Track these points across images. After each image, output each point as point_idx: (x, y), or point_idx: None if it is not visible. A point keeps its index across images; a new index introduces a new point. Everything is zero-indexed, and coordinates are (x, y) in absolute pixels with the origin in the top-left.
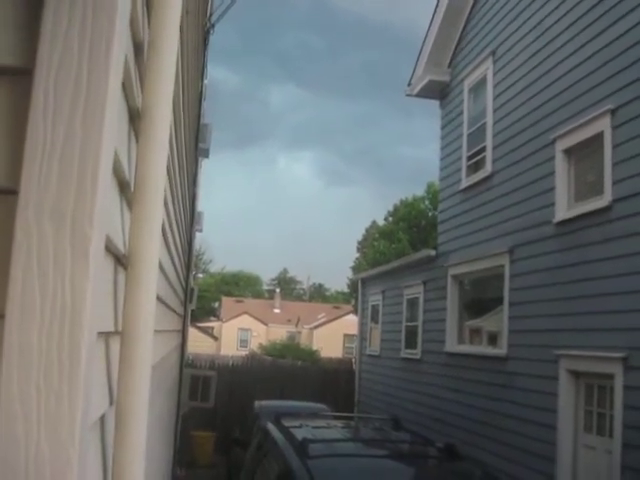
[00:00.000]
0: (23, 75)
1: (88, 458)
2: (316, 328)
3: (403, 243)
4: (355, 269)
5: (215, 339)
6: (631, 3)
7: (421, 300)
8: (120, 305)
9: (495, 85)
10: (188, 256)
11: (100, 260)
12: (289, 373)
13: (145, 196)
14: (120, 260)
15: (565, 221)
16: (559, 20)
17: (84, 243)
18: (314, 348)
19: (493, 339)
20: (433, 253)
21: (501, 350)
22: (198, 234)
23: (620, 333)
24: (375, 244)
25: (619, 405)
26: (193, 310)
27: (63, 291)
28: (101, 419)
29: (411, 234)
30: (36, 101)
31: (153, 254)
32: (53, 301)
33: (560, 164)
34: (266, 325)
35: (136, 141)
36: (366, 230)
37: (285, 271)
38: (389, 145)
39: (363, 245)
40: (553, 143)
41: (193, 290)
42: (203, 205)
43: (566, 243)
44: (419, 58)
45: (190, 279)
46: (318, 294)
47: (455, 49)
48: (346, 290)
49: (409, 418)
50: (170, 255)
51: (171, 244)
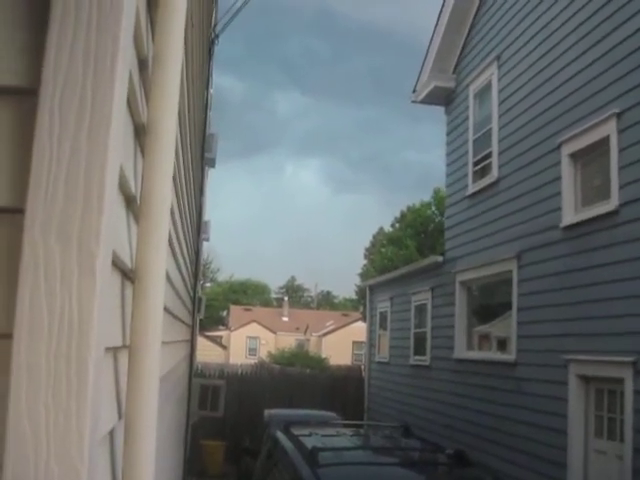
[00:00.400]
0: (28, 95)
1: (97, 473)
2: (325, 336)
3: (410, 249)
4: (362, 276)
5: (224, 348)
6: (636, 6)
7: (429, 306)
8: (128, 319)
9: (500, 90)
10: (195, 265)
11: (107, 276)
12: (298, 381)
13: (151, 210)
14: (127, 274)
15: (572, 226)
16: (564, 24)
17: (91, 261)
18: (323, 356)
19: (502, 345)
20: (440, 259)
21: (510, 356)
22: (205, 243)
23: (630, 337)
24: (382, 250)
25: (629, 409)
26: (201, 319)
27: (70, 309)
28: (110, 433)
29: (418, 240)
30: (41, 120)
31: (160, 267)
32: (60, 319)
33: (566, 169)
34: (274, 333)
35: (142, 156)
36: (373, 237)
37: (293, 279)
38: (395, 151)
39: (370, 252)
40: (559, 148)
41: (201, 299)
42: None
43: (573, 247)
44: (424, 64)
45: (198, 288)
46: (326, 301)
47: (460, 55)
48: (354, 297)
49: (419, 425)
50: (177, 265)
51: (178, 254)
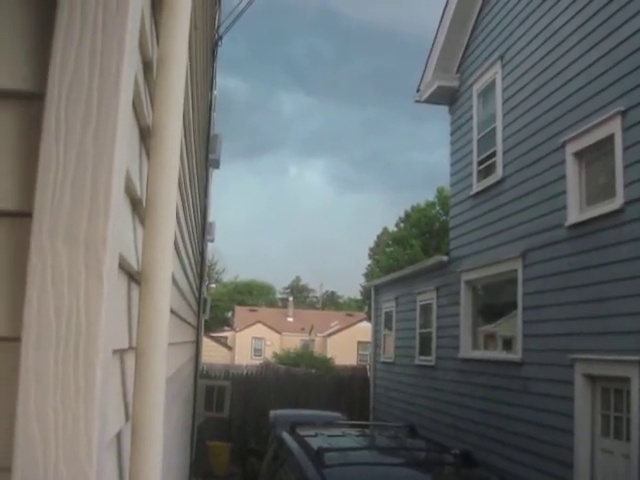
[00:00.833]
0: (35, 99)
1: (105, 475)
2: (330, 336)
3: (415, 249)
4: (367, 276)
5: (229, 349)
6: (639, 4)
7: (434, 306)
8: (134, 321)
9: (504, 89)
10: (200, 267)
11: (114, 279)
12: (303, 382)
13: (157, 212)
14: (133, 276)
15: (577, 224)
16: (567, 22)
17: (98, 264)
18: (328, 356)
19: (508, 344)
20: (445, 259)
21: (516, 355)
22: (210, 244)
23: (636, 336)
24: (387, 250)
25: (636, 408)
26: (207, 320)
27: (78, 312)
28: (117, 436)
29: (423, 240)
30: (48, 124)
31: (166, 269)
32: (68, 322)
33: (571, 167)
34: (280, 334)
35: (147, 158)
36: (377, 237)
37: (298, 279)
38: (399, 151)
39: (375, 252)
40: (563, 146)
41: (206, 300)
42: (215, 215)
43: (579, 246)
44: (427, 64)
45: (203, 289)
46: (331, 302)
47: (463, 54)
48: (359, 297)
49: (425, 425)
50: (183, 267)
51: (183, 256)
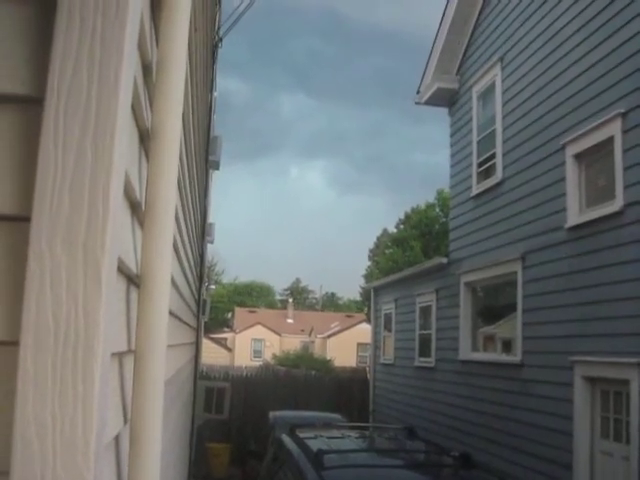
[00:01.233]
0: (34, 103)
1: (103, 479)
2: (329, 337)
3: (415, 250)
4: (367, 277)
5: (229, 350)
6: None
7: (434, 308)
8: (133, 323)
9: (504, 91)
10: (200, 268)
11: (112, 283)
12: (303, 383)
13: (156, 215)
14: (132, 279)
15: (577, 226)
16: (567, 24)
17: (96, 268)
18: (328, 357)
19: (507, 346)
20: (445, 261)
21: (515, 357)
22: (209, 245)
23: (635, 338)
24: (387, 252)
25: (635, 411)
26: (206, 322)
27: (76, 316)
28: (116, 438)
29: (423, 241)
30: (46, 129)
31: (165, 272)
32: (67, 327)
33: (571, 169)
34: (279, 335)
35: (147, 161)
36: (377, 238)
37: (298, 281)
38: (400, 153)
39: (374, 253)
40: (563, 148)
41: (206, 302)
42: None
43: (578, 248)
44: (427, 66)
45: (202, 291)
46: (331, 303)
47: (463, 56)
48: (358, 299)
49: (424, 426)
50: (182, 269)
51: (183, 258)
